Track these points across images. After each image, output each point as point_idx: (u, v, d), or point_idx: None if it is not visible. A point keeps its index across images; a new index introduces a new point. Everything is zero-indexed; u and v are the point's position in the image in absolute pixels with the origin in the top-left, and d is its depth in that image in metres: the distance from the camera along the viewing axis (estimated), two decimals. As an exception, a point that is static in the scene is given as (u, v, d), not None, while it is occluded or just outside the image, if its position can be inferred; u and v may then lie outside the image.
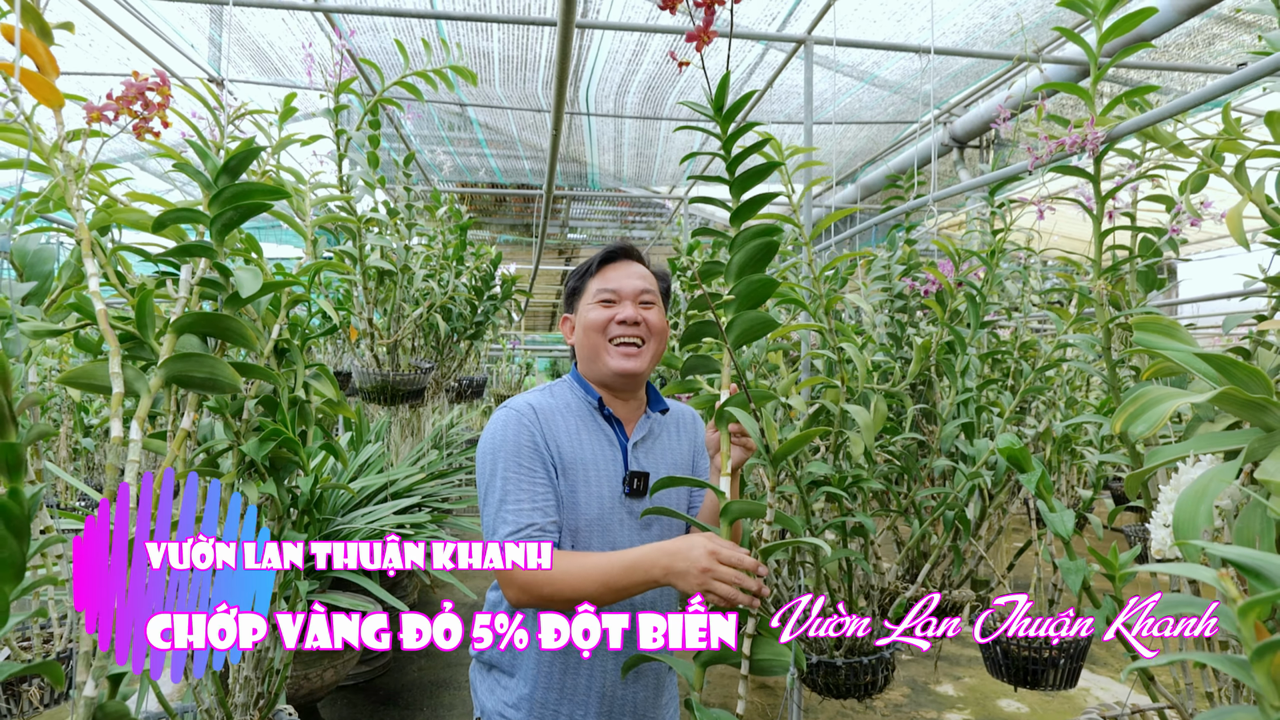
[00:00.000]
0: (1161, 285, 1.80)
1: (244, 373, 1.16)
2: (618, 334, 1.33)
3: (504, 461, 1.24)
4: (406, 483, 3.27)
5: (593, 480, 1.29)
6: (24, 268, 1.44)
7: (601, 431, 1.35)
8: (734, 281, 1.19)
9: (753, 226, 1.18)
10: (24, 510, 0.74)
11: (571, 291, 1.43)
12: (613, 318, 1.34)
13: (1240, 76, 1.15)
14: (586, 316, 1.36)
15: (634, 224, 8.94)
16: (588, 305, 1.37)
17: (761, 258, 1.17)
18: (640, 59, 3.50)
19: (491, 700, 1.34)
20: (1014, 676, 1.87)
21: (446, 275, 3.24)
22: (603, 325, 1.34)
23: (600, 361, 1.35)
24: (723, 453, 1.16)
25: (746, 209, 1.21)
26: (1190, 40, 3.27)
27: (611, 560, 1.14)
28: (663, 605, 1.38)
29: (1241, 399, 0.89)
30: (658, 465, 1.38)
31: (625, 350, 1.33)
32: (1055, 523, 1.34)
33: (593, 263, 1.40)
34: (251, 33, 3.26)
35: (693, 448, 1.47)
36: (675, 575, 1.07)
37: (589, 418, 1.36)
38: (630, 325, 1.33)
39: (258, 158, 1.19)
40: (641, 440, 1.38)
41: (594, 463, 1.31)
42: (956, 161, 4.58)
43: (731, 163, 1.21)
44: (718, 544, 1.06)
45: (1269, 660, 0.54)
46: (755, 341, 1.17)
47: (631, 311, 1.33)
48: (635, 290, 1.35)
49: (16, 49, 1.10)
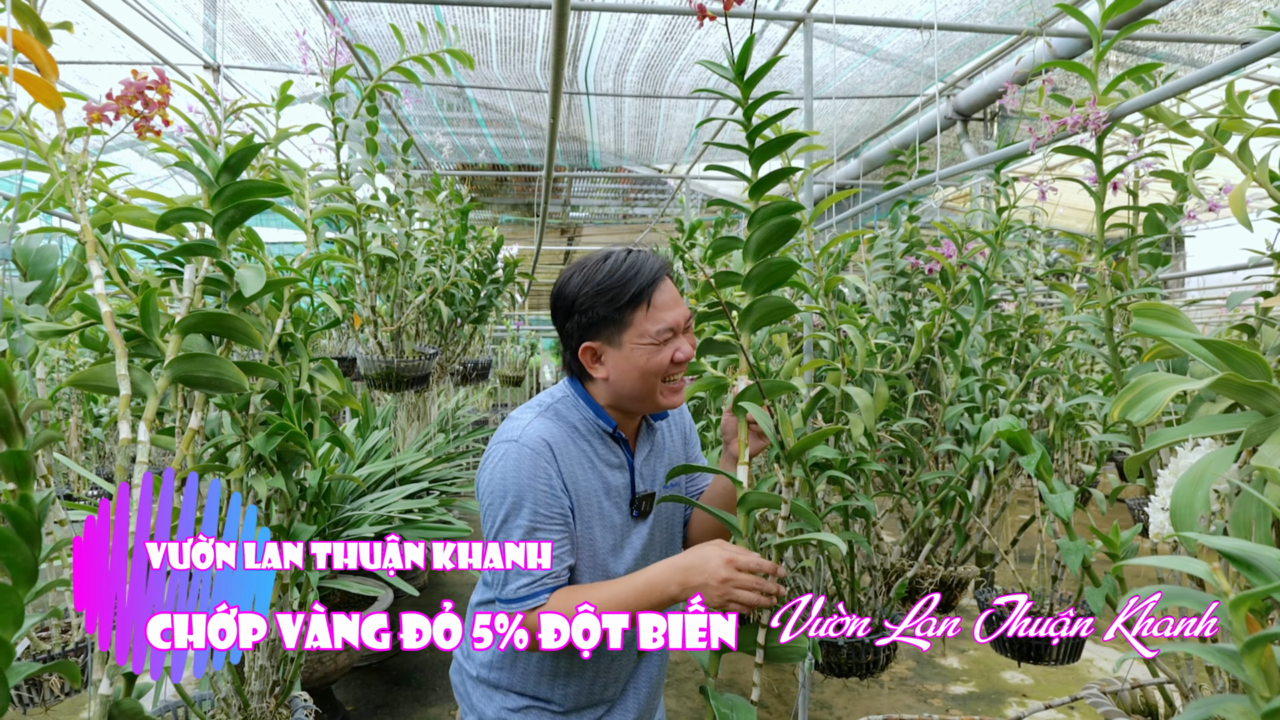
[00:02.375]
0: (1166, 261, 1.80)
1: (249, 371, 1.17)
2: (673, 373, 1.20)
3: (521, 505, 1.14)
4: (413, 468, 3.30)
5: (606, 513, 1.25)
6: (27, 267, 1.45)
7: (611, 453, 1.28)
8: (752, 261, 1.14)
9: (772, 204, 1.13)
10: (34, 515, 0.76)
11: (600, 320, 1.18)
12: (671, 358, 1.18)
13: (1245, 54, 1.14)
14: (646, 361, 1.17)
15: (636, 201, 8.89)
16: (642, 346, 1.17)
17: (780, 236, 1.13)
18: (639, 37, 3.46)
19: (491, 707, 1.30)
20: (1018, 653, 1.89)
21: (448, 260, 3.24)
22: (664, 370, 1.18)
23: (652, 401, 1.22)
24: (740, 442, 1.16)
25: (767, 182, 1.16)
26: (1198, 8, 3.22)
27: (625, 588, 1.09)
28: None
29: (1240, 384, 0.90)
30: (658, 475, 1.36)
31: (676, 385, 1.22)
32: (1055, 504, 1.35)
33: (630, 289, 1.16)
34: (246, 18, 3.23)
35: (683, 437, 1.45)
36: (694, 589, 1.03)
37: (597, 440, 1.26)
38: (683, 365, 1.20)
39: (257, 153, 1.19)
40: (647, 456, 1.34)
41: (606, 493, 1.25)
42: (960, 135, 4.53)
43: (752, 132, 1.16)
44: (731, 552, 1.04)
45: (1259, 653, 0.55)
46: (778, 321, 1.14)
47: (689, 349, 1.20)
48: (685, 320, 1.20)
49: (9, 49, 1.10)
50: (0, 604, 0.72)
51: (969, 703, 3.27)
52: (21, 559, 0.74)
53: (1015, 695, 3.34)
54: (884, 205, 2.94)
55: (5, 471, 0.75)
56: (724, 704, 1.03)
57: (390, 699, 3.28)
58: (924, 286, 2.45)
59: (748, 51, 1.08)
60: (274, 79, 3.93)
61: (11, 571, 0.74)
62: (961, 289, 2.08)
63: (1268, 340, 1.52)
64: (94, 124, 1.15)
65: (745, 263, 1.12)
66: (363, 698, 3.29)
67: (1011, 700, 3.29)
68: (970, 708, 3.22)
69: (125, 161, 4.54)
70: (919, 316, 2.56)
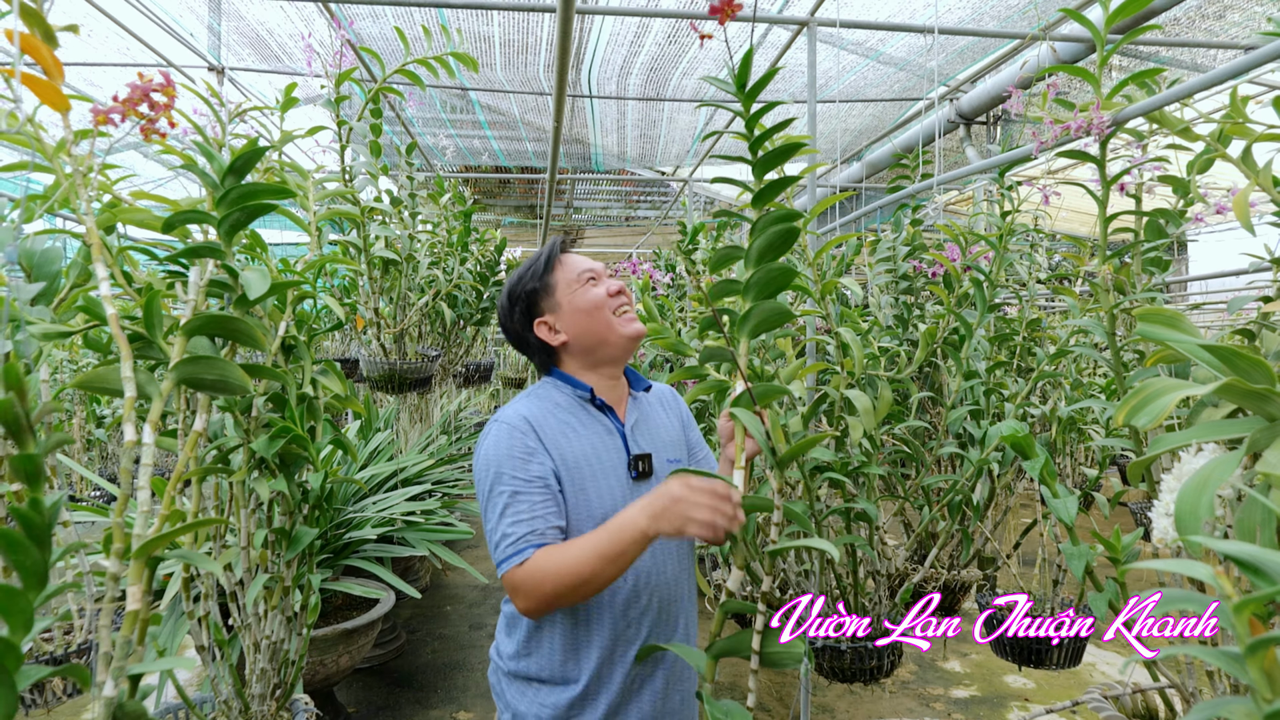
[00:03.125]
0: (1168, 266, 1.80)
1: (253, 374, 1.17)
2: (618, 304, 1.34)
3: (501, 474, 1.23)
4: (416, 469, 3.30)
5: (599, 474, 1.29)
6: (31, 268, 1.46)
7: (597, 422, 1.34)
8: (752, 268, 1.16)
9: (774, 211, 1.14)
10: (45, 519, 0.76)
11: (531, 294, 1.37)
12: (608, 290, 1.34)
13: (1249, 60, 1.14)
14: (584, 297, 1.34)
15: (639, 203, 8.90)
16: (575, 289, 1.34)
17: (781, 244, 1.15)
18: (642, 40, 3.47)
19: (524, 702, 1.31)
20: (1018, 656, 1.89)
21: (451, 262, 3.24)
22: (603, 300, 1.33)
23: (613, 333, 1.34)
24: (736, 445, 1.17)
25: (770, 190, 1.18)
26: (1201, 12, 3.22)
27: (598, 532, 1.13)
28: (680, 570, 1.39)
29: (1244, 389, 0.90)
30: (655, 444, 1.39)
31: (629, 315, 1.35)
32: (1059, 509, 1.34)
33: (539, 264, 1.38)
34: (250, 20, 3.24)
35: (681, 422, 1.49)
36: (657, 518, 1.06)
37: (580, 411, 1.34)
38: (622, 295, 1.35)
39: (262, 156, 1.19)
40: (636, 422, 1.39)
41: (596, 456, 1.30)
42: (963, 138, 4.53)
43: (754, 143, 1.17)
44: (686, 477, 1.06)
45: (1262, 656, 0.55)
46: (776, 327, 1.15)
47: (617, 282, 1.36)
48: (600, 269, 1.38)
49: (15, 51, 1.11)
50: (10, 607, 0.72)
51: (971, 707, 3.27)
52: (32, 562, 0.74)
53: (1017, 699, 3.34)
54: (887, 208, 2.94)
55: (16, 475, 0.75)
56: (719, 710, 1.03)
57: (392, 701, 3.28)
58: (927, 289, 2.44)
59: (747, 64, 1.09)
60: (278, 81, 3.94)
61: (21, 575, 0.74)
62: (965, 292, 2.08)
63: (1269, 345, 1.52)
64: (100, 126, 1.15)
65: (746, 269, 1.13)
66: (364, 700, 3.29)
67: (1013, 704, 3.29)
68: (972, 712, 3.21)
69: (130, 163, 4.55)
70: (921, 319, 2.56)
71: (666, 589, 1.33)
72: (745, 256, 1.15)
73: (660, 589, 1.32)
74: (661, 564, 1.33)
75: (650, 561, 1.31)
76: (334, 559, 2.83)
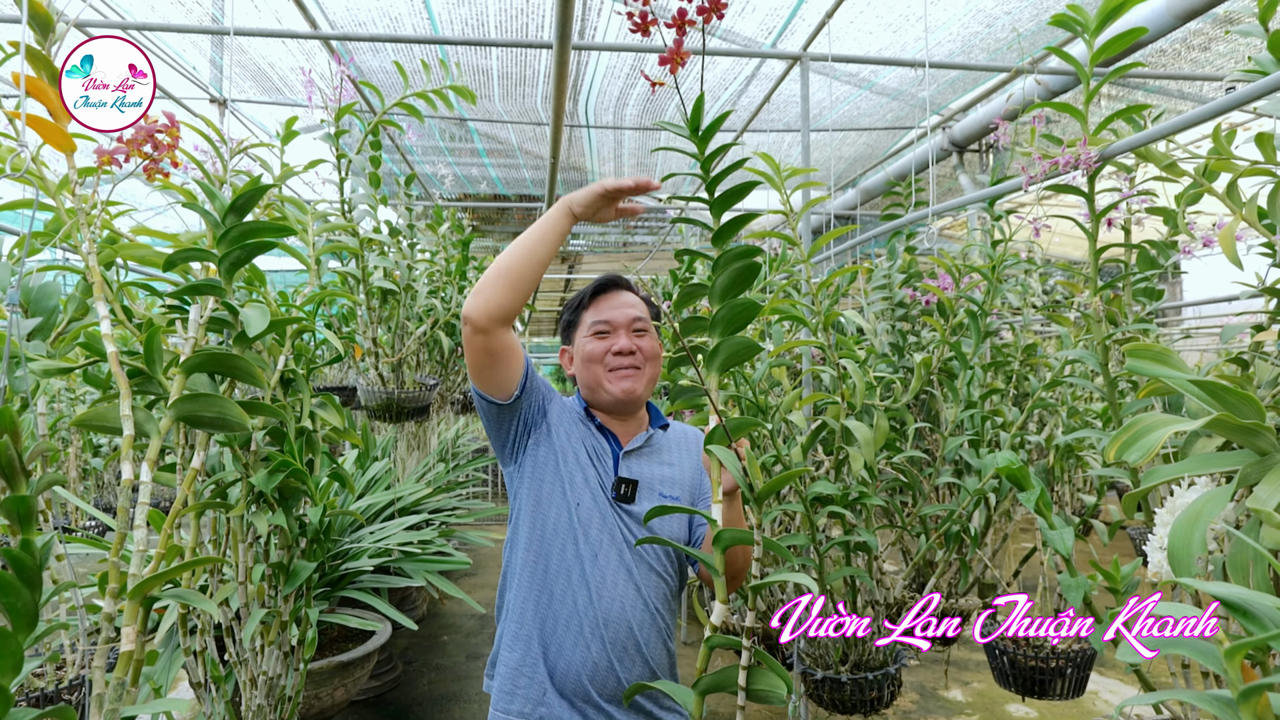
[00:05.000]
0: (1160, 295, 1.81)
1: (252, 411, 1.18)
2: (615, 364, 1.38)
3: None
4: (413, 498, 3.29)
5: (577, 477, 1.33)
6: (29, 303, 1.47)
7: (595, 438, 1.40)
8: (718, 304, 1.18)
9: (734, 248, 1.17)
10: (35, 561, 0.76)
11: (566, 325, 1.47)
12: (609, 349, 1.38)
13: (1231, 100, 1.16)
14: (584, 349, 1.40)
15: (636, 229, 8.95)
16: (584, 338, 1.41)
17: (743, 279, 1.17)
18: (638, 73, 3.52)
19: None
20: (1021, 686, 1.87)
21: (450, 291, 3.26)
22: (600, 356, 1.38)
23: (602, 390, 1.38)
24: (713, 480, 1.17)
25: (728, 230, 1.21)
26: (1186, 45, 3.28)
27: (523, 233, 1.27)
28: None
29: (1233, 424, 0.91)
30: (650, 478, 1.38)
31: (623, 374, 1.38)
32: (1055, 541, 1.35)
33: (584, 296, 1.44)
34: (252, 54, 3.29)
35: (695, 467, 1.47)
36: (575, 201, 1.24)
37: (585, 426, 1.41)
38: (626, 355, 1.37)
39: (264, 195, 1.21)
40: (636, 450, 1.40)
41: (585, 458, 1.35)
42: (957, 166, 4.58)
43: (710, 183, 1.20)
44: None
45: (1255, 702, 0.56)
46: (744, 361, 1.17)
47: (626, 341, 1.38)
48: (628, 320, 1.39)
49: (21, 93, 1.13)
50: (0, 650, 0.72)
51: (973, 737, 3.23)
52: (22, 604, 0.74)
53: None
54: (882, 235, 2.97)
55: (8, 516, 0.76)
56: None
57: (387, 734, 3.23)
58: (922, 318, 2.46)
59: (699, 109, 1.14)
60: (279, 112, 3.99)
61: (11, 617, 0.74)
62: (960, 321, 2.09)
63: (1261, 374, 1.53)
64: (104, 167, 1.17)
65: (712, 305, 1.16)
66: (359, 733, 3.25)
67: (1016, 734, 3.25)
68: (975, 742, 3.17)
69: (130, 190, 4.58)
70: (918, 347, 2.57)
71: (630, 622, 1.31)
72: (710, 293, 1.18)
73: (620, 620, 1.30)
74: (626, 596, 1.31)
75: (609, 594, 1.30)
76: (330, 590, 2.81)
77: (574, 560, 1.30)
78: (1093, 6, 2.93)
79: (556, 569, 1.30)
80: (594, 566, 1.29)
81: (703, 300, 1.89)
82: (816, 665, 1.78)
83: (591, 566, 1.29)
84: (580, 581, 1.29)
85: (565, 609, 1.29)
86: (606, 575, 1.29)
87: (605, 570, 1.29)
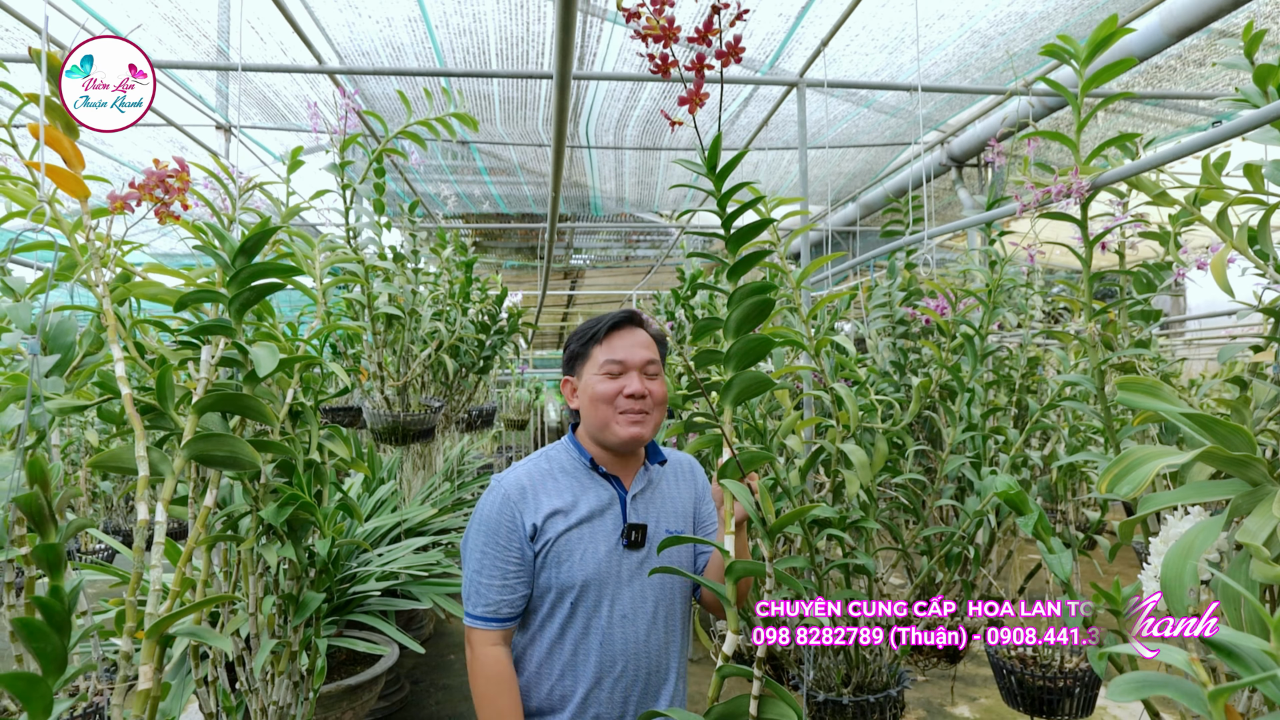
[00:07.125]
0: (1157, 317, 1.83)
1: (262, 449, 1.20)
2: (625, 406, 1.34)
3: (482, 536, 1.32)
4: (419, 520, 3.31)
5: (586, 538, 1.32)
6: (46, 341, 1.50)
7: (599, 487, 1.38)
8: (731, 338, 1.21)
9: (749, 284, 1.20)
10: (65, 606, 0.79)
11: (573, 355, 1.42)
12: (620, 390, 1.34)
13: (1220, 133, 1.19)
14: (594, 388, 1.35)
15: (639, 243, 9.00)
16: (594, 375, 1.36)
17: (757, 315, 1.20)
18: (638, 95, 3.57)
19: None
20: (1029, 705, 1.88)
21: (454, 314, 3.29)
22: (611, 398, 1.34)
23: (609, 432, 1.35)
24: (725, 510, 1.19)
25: (743, 265, 1.24)
26: (1182, 60, 3.31)
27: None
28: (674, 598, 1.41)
29: (1224, 456, 0.92)
30: (658, 516, 1.40)
31: (632, 419, 1.34)
32: (1055, 565, 1.36)
33: (598, 330, 1.39)
34: (258, 83, 3.34)
35: (694, 495, 1.49)
36: None
37: (583, 476, 1.38)
38: (637, 399, 1.34)
39: (272, 236, 1.24)
40: (640, 492, 1.40)
41: (590, 520, 1.34)
42: (955, 181, 4.62)
43: (727, 220, 1.23)
44: None
45: (1240, 743, 0.57)
46: (757, 395, 1.20)
47: (639, 385, 1.34)
48: (641, 361, 1.36)
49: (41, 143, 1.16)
50: (31, 693, 0.74)
51: (981, 754, 3.22)
52: (52, 649, 0.76)
53: (1028, 745, 3.29)
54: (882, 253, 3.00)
55: (39, 563, 0.78)
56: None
57: (395, 755, 3.24)
58: (922, 341, 2.48)
59: (716, 148, 1.17)
60: (284, 137, 4.04)
61: (41, 662, 0.76)
62: (958, 344, 2.12)
63: (1259, 395, 1.55)
64: (117, 212, 1.20)
65: (725, 339, 1.18)
66: (367, 754, 3.25)
67: (1025, 751, 3.24)
68: (983, 759, 3.16)
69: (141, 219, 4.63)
70: (919, 364, 2.59)
71: (645, 659, 1.35)
72: (724, 327, 1.20)
73: (636, 660, 1.34)
74: (639, 637, 1.35)
75: (623, 637, 1.33)
76: (338, 615, 2.82)
77: (593, 609, 1.32)
78: (1087, 28, 2.97)
79: (572, 618, 1.32)
80: (610, 611, 1.32)
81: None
82: (819, 687, 1.80)
83: (608, 612, 1.32)
84: (597, 630, 1.31)
85: (581, 655, 1.32)
86: (616, 618, 1.32)
87: (620, 612, 1.32)
